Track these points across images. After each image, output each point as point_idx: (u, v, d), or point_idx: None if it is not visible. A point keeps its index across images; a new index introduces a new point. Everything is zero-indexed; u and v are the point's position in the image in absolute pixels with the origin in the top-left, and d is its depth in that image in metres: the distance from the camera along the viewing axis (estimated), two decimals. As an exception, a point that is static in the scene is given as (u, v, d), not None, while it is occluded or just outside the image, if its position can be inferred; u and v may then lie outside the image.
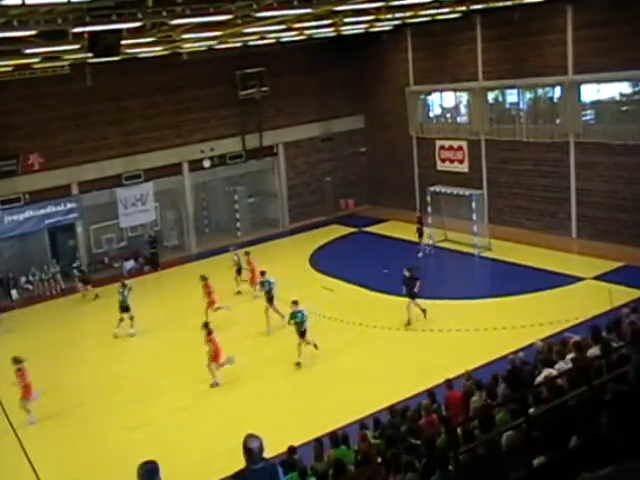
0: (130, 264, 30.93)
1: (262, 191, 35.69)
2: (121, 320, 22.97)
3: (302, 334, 18.62)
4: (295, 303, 18.92)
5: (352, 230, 33.20)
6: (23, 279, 29.19)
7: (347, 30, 27.52)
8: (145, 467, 6.10)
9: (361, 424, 12.11)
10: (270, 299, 21.73)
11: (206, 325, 18.90)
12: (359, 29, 28.56)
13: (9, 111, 27.37)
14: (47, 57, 23.25)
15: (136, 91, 30.06)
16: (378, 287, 24.23)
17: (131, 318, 23.00)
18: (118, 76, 28.60)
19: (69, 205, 29.97)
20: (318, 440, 11.60)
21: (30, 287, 29.20)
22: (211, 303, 22.96)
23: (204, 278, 23.25)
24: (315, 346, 18.92)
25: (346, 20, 22.43)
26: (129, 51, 22.91)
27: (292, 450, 11.18)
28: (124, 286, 23.60)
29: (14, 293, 28.38)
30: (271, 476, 6.43)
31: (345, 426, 13.52)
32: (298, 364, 18.67)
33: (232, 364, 18.49)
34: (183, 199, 32.94)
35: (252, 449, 6.29)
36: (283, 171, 35.05)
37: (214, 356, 18.20)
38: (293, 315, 18.81)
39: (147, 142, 30.54)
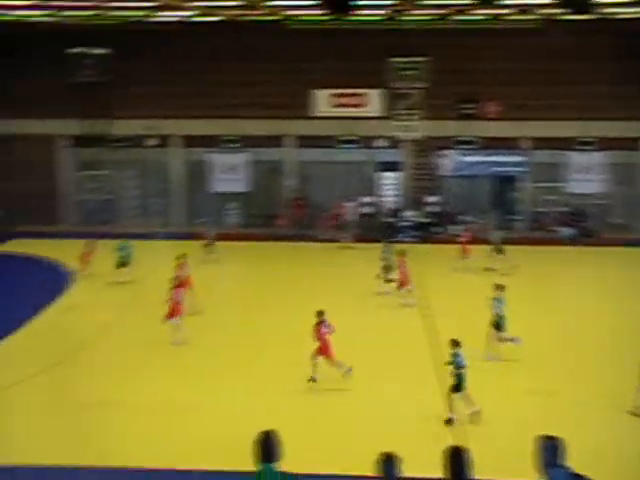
0: (568, 231, 30.37)
1: None
2: (389, 281, 21.81)
3: (456, 387, 13.49)
4: (456, 344, 13.84)
5: None
6: (464, 217, 31.22)
7: None
8: (547, 442, 6.16)
9: None
10: (498, 325, 16.60)
11: (320, 314, 15.28)
12: None
13: (476, 57, 29.04)
14: (521, 10, 24.17)
15: (589, 53, 28.82)
16: None
17: (389, 281, 21.83)
18: (587, 35, 27.77)
19: (517, 158, 30.80)
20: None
21: (468, 226, 31.16)
22: (403, 283, 20.84)
23: (401, 254, 21.14)
24: (475, 413, 13.47)
25: None
26: (604, 10, 22.36)
27: None
28: (388, 246, 22.86)
29: (454, 228, 30.59)
30: None
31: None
32: (449, 421, 13.28)
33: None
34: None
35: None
36: None
37: (322, 350, 15.04)
38: (452, 358, 13.83)
39: (601, 109, 29.23)
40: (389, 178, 31.90)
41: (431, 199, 31.43)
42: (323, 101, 30.23)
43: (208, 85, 29.96)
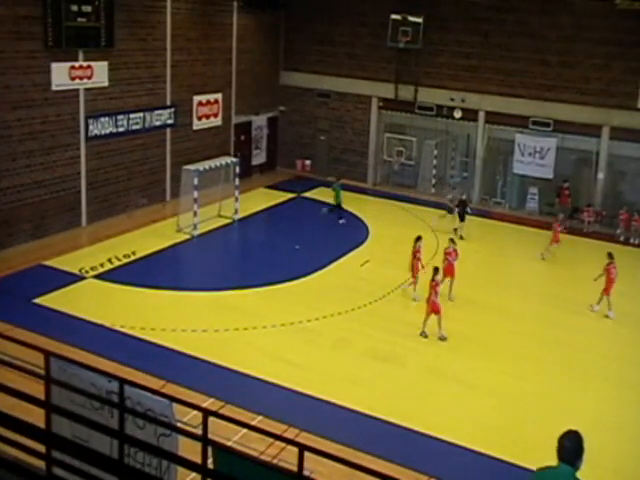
0: None
1: None
2: None
3: None
4: None
5: None
6: None
7: None
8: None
9: None
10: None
11: (610, 255, 19.37)
12: None
13: None
14: None
15: None
16: None
17: None
18: None
19: None
20: None
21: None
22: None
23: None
24: None
25: None
26: None
27: None
28: None
29: None
30: None
31: None
32: None
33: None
34: None
35: None
36: None
37: (607, 287, 18.91)
38: None
39: None
40: None
41: None
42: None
43: (522, 63, 27.95)
